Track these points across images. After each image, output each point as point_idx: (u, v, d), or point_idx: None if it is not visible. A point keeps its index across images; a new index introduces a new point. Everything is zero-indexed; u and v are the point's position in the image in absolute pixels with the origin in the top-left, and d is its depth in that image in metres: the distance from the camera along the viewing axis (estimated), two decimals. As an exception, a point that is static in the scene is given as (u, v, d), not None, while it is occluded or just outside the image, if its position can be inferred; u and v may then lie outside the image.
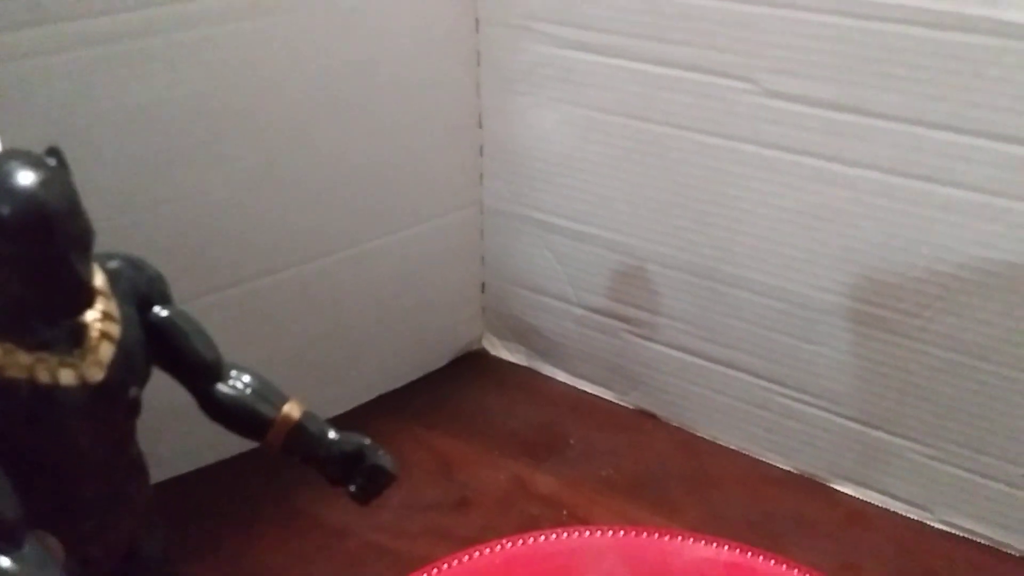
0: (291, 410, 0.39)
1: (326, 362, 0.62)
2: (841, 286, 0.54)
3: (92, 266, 0.32)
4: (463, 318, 0.71)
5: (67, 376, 0.32)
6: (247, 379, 0.38)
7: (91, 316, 0.33)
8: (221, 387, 0.38)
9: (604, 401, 0.67)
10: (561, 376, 0.69)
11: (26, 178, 0.30)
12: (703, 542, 0.49)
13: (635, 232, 0.61)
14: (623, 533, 0.49)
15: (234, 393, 0.38)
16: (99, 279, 0.34)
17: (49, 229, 0.30)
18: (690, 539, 0.49)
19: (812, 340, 0.56)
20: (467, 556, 0.48)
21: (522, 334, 0.71)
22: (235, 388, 0.38)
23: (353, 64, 0.58)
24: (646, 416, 0.66)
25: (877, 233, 0.52)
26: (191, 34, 0.51)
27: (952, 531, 0.55)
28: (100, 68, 0.48)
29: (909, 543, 0.55)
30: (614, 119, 0.59)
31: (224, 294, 0.55)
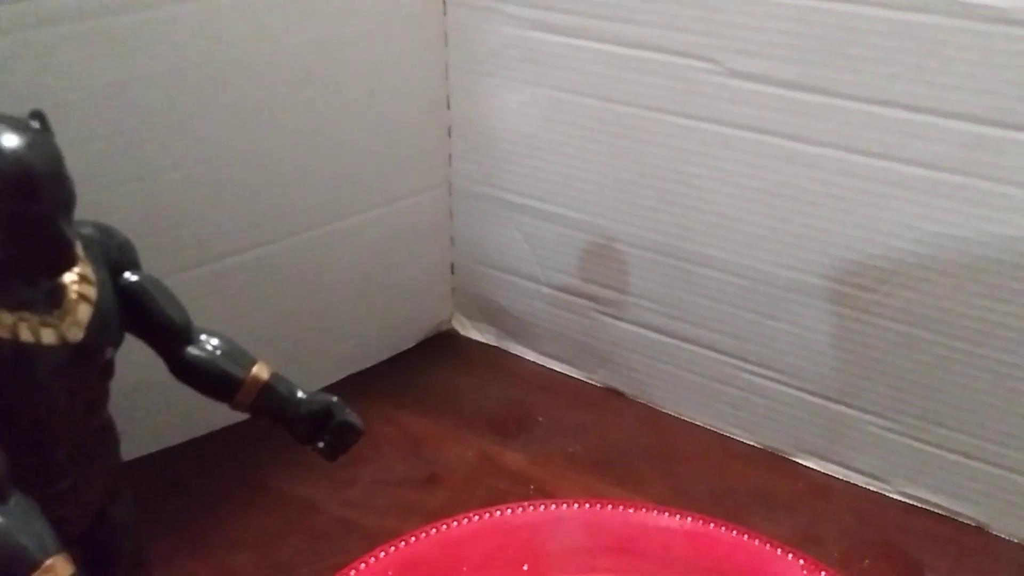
0: (260, 371, 0.39)
1: (295, 342, 0.62)
2: (802, 263, 0.55)
3: (74, 228, 0.32)
4: (432, 299, 0.72)
5: (48, 335, 0.33)
6: (216, 342, 0.39)
7: (68, 278, 0.34)
8: (191, 349, 0.39)
9: (572, 379, 0.68)
10: (530, 355, 0.70)
11: (11, 140, 0.30)
12: (666, 514, 0.50)
13: (602, 212, 0.62)
14: (588, 506, 0.50)
15: (204, 355, 0.39)
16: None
17: (35, 189, 0.31)
18: (653, 511, 0.50)
19: (775, 316, 0.57)
20: (434, 529, 0.49)
21: (491, 314, 0.71)
22: (205, 350, 0.39)
23: (321, 44, 0.58)
24: (613, 394, 0.66)
25: (836, 211, 0.53)
26: (158, 13, 0.51)
27: (910, 502, 0.56)
28: (67, 46, 0.48)
29: (868, 514, 0.56)
30: (580, 100, 0.60)
31: (191, 273, 0.56)
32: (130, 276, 0.37)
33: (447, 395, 0.66)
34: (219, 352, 0.39)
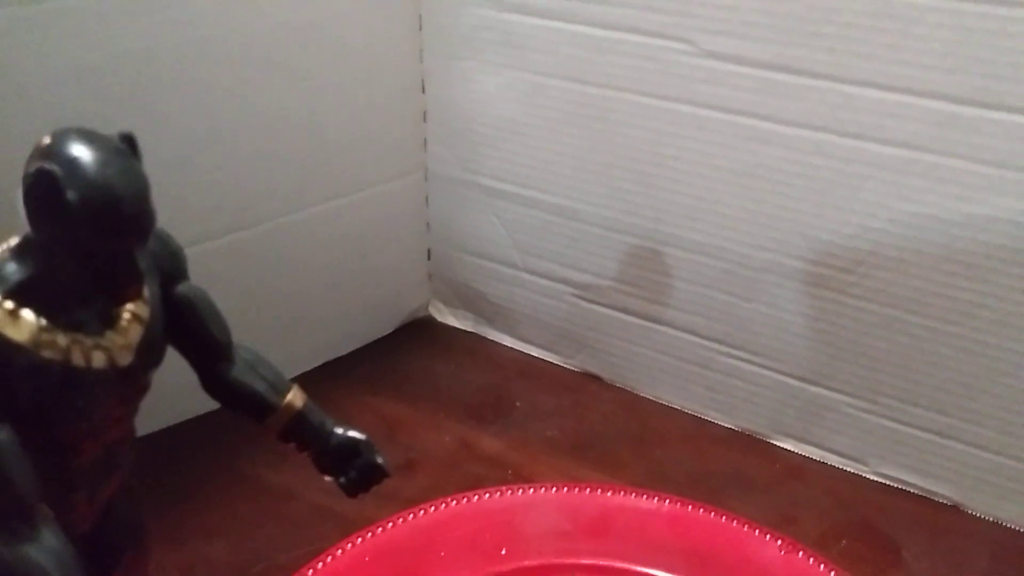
0: (294, 398, 0.39)
1: (270, 330, 0.61)
2: (777, 244, 0.55)
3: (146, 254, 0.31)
4: (409, 285, 0.71)
5: (99, 359, 0.32)
6: (254, 363, 0.39)
7: None
8: (229, 369, 0.38)
9: (550, 364, 0.68)
10: (507, 341, 0.70)
11: (101, 166, 0.29)
12: (644, 496, 0.50)
13: (578, 196, 0.62)
14: (566, 489, 0.50)
15: (242, 378, 0.38)
16: None
17: (119, 224, 0.29)
18: (631, 494, 0.50)
19: (750, 298, 0.57)
20: (411, 515, 0.48)
21: (468, 300, 0.71)
22: (243, 372, 0.38)
23: (293, 27, 0.57)
24: (591, 378, 0.66)
25: (811, 191, 0.53)
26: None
27: (886, 482, 0.57)
28: (34, 27, 0.47)
29: (845, 495, 0.56)
30: (555, 82, 0.59)
31: (164, 260, 0.55)
32: (179, 289, 0.36)
33: (424, 381, 0.66)
34: (257, 376, 0.38)
